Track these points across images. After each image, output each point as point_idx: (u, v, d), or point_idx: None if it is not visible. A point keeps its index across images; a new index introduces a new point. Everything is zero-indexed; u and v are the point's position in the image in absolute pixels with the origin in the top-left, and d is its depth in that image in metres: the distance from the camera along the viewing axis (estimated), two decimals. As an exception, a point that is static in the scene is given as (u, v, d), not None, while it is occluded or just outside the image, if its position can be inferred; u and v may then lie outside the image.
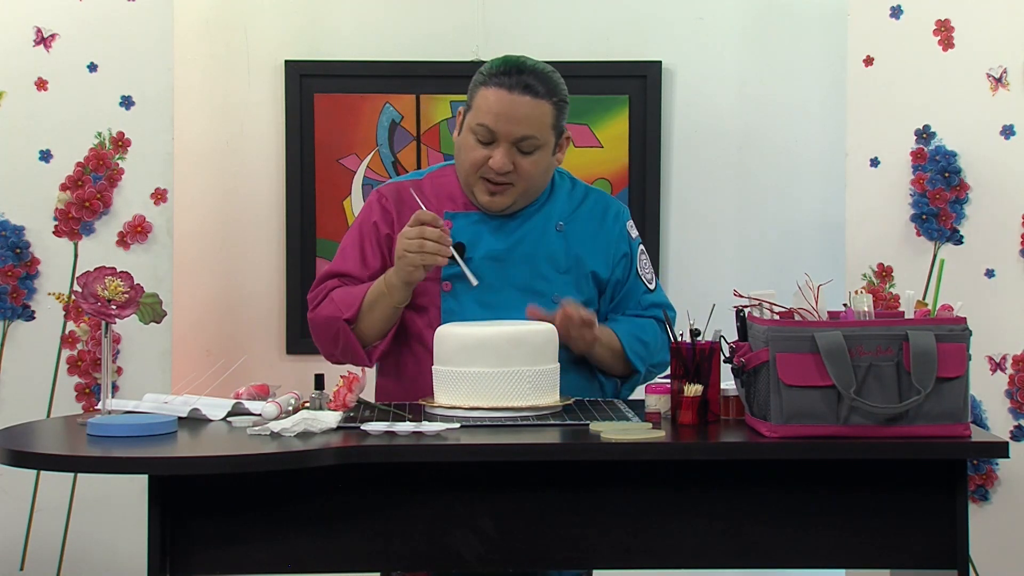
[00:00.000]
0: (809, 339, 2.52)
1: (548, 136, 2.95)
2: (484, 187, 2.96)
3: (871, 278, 3.77)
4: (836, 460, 2.55)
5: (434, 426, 2.57)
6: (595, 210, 3.10)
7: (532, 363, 2.71)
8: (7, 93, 3.72)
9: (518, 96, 2.91)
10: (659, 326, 3.04)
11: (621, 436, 2.50)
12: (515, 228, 3.02)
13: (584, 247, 3.05)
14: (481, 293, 2.96)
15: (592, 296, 3.06)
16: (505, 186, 2.95)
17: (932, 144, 3.75)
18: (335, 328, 2.96)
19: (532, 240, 3.02)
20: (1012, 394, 3.72)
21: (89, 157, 3.73)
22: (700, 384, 2.67)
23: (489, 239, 2.99)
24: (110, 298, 2.70)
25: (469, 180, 2.97)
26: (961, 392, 2.53)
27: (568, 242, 3.04)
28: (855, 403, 2.50)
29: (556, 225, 3.03)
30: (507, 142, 2.91)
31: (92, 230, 3.74)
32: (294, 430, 2.55)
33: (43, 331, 3.74)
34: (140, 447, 2.50)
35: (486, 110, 2.92)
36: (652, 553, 2.56)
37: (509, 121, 2.91)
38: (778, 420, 2.52)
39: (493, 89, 2.92)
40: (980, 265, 3.72)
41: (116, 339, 3.71)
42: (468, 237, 2.97)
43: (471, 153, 2.94)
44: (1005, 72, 3.72)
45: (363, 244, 3.04)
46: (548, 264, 3.02)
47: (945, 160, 3.73)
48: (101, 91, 3.74)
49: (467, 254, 2.94)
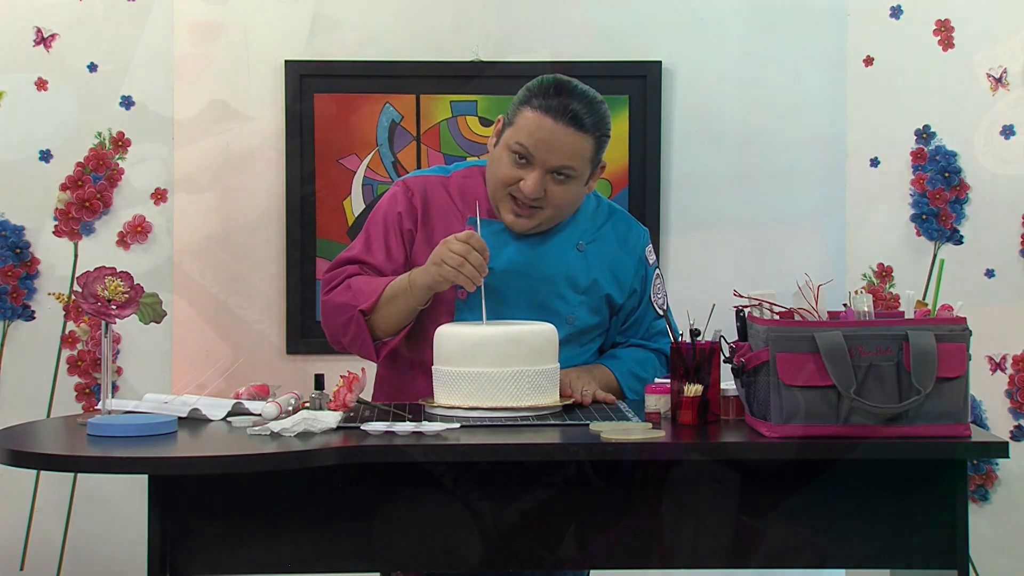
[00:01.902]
0: (809, 339, 2.52)
1: (585, 168, 2.89)
2: (510, 206, 2.90)
3: (871, 278, 3.77)
4: (836, 460, 2.55)
5: (434, 426, 2.57)
6: (616, 233, 3.05)
7: (532, 363, 2.71)
8: (7, 93, 3.72)
9: (562, 126, 2.83)
10: (660, 361, 3.04)
11: (621, 436, 2.50)
12: (537, 243, 2.97)
13: (602, 270, 3.01)
14: (495, 306, 2.90)
15: (604, 318, 3.02)
16: (533, 210, 2.89)
17: (932, 144, 3.75)
18: (348, 316, 2.89)
19: (553, 258, 2.97)
20: (1012, 394, 3.72)
21: (89, 157, 3.73)
22: (700, 384, 2.67)
23: (510, 251, 2.94)
24: (110, 298, 2.70)
25: (497, 195, 2.92)
26: (961, 392, 2.52)
27: (588, 263, 2.99)
28: (855, 403, 2.50)
29: (577, 245, 2.99)
30: (542, 168, 2.84)
31: (92, 230, 3.74)
32: (294, 430, 2.55)
33: (43, 331, 3.74)
34: (140, 447, 2.50)
35: (527, 132, 2.84)
36: (652, 553, 2.56)
37: (548, 150, 2.83)
38: (778, 420, 2.52)
39: (538, 113, 2.83)
40: (980, 265, 3.73)
41: (116, 339, 3.71)
42: (490, 247, 2.86)
43: (504, 170, 2.88)
44: (1005, 72, 3.72)
45: (388, 236, 2.96)
46: (567, 284, 2.97)
47: (945, 160, 3.73)
48: (101, 91, 3.74)
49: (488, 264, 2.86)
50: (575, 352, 2.99)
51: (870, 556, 2.56)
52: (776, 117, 4.18)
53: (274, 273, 4.14)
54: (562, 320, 2.93)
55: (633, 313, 3.06)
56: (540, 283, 2.95)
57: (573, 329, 2.97)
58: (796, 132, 4.19)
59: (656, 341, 3.07)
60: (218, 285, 4.16)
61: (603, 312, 3.02)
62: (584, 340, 3.01)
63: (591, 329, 3.01)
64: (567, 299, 2.97)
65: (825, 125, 4.14)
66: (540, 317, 2.90)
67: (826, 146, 4.15)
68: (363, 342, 2.91)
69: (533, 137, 2.83)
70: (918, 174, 3.75)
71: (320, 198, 4.11)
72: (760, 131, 4.19)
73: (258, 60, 4.12)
